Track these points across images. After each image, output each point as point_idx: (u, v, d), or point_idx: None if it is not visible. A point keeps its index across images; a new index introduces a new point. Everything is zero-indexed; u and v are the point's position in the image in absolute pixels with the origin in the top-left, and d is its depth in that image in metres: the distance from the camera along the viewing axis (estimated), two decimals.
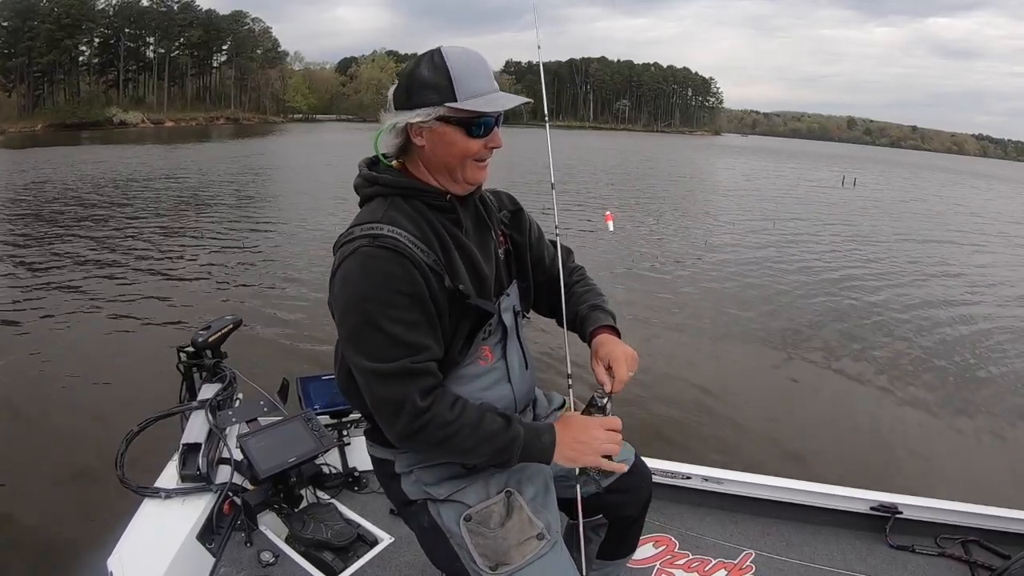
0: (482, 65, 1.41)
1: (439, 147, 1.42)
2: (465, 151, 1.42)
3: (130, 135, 56.68)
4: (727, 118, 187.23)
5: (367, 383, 1.37)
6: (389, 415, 1.36)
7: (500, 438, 1.39)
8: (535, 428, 1.45)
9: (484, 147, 1.44)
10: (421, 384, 1.34)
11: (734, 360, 7.12)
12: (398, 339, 1.33)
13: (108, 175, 21.99)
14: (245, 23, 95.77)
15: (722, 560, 2.50)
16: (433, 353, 1.38)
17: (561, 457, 1.44)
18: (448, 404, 1.36)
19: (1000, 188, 47.90)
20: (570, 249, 1.85)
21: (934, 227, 19.74)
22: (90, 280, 9.10)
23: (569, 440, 1.44)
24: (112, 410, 5.09)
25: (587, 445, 1.44)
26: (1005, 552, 2.46)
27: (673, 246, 13.47)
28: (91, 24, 78.47)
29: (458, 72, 1.37)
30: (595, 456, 1.45)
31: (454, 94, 1.36)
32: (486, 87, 1.40)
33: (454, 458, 1.50)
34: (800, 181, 34.48)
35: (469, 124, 1.40)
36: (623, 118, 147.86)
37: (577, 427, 1.46)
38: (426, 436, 1.35)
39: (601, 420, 1.48)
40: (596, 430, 1.45)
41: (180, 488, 2.30)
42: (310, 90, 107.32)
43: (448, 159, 1.44)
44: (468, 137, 1.41)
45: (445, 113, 1.38)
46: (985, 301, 10.51)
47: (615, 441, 1.47)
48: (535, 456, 1.44)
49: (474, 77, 1.38)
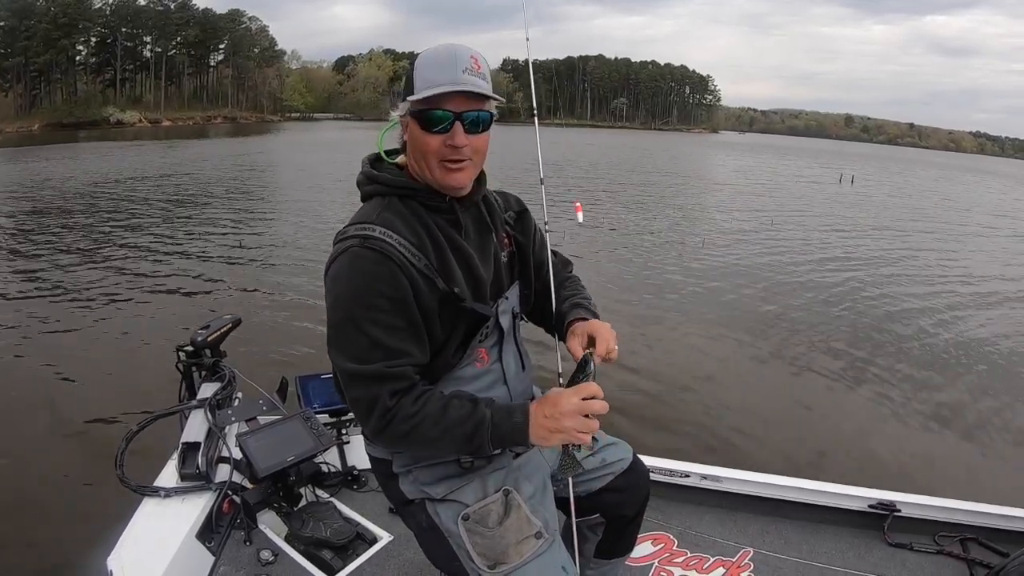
0: (449, 57, 1.34)
1: (411, 144, 1.42)
2: (424, 148, 1.38)
3: (127, 134, 56.64)
4: (724, 116, 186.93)
5: (344, 381, 1.38)
6: (361, 414, 1.37)
7: (466, 424, 1.34)
8: (506, 409, 1.38)
9: (443, 145, 1.37)
10: (392, 387, 1.34)
11: (730, 358, 7.11)
12: (377, 342, 1.32)
13: (105, 174, 21.94)
14: (242, 22, 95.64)
15: (720, 558, 2.50)
16: (413, 359, 1.37)
17: (536, 436, 1.35)
18: (412, 398, 1.35)
19: (995, 184, 47.91)
20: (569, 261, 1.84)
21: (933, 226, 19.72)
22: (89, 280, 9.07)
23: (540, 417, 1.34)
24: (112, 409, 5.10)
25: (555, 421, 1.32)
26: (1003, 550, 2.45)
27: (669, 243, 13.44)
28: (88, 23, 78.36)
29: (422, 65, 1.35)
30: (569, 431, 1.32)
31: (413, 88, 1.34)
32: (442, 78, 1.33)
33: (426, 451, 1.48)
34: (798, 179, 34.40)
35: (423, 119, 1.35)
36: (621, 116, 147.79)
37: (548, 402, 1.35)
38: (392, 431, 1.35)
39: (573, 389, 1.36)
40: (565, 401, 1.33)
41: (180, 487, 2.31)
42: (307, 89, 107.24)
43: (416, 157, 1.42)
44: (423, 132, 1.36)
45: (410, 108, 1.36)
46: (984, 300, 10.49)
47: (589, 409, 1.33)
48: (509, 438, 1.37)
49: (431, 67, 1.34)
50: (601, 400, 1.35)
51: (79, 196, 17.04)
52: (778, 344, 7.55)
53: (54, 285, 8.81)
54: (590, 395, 1.34)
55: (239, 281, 9.34)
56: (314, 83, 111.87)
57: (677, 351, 7.29)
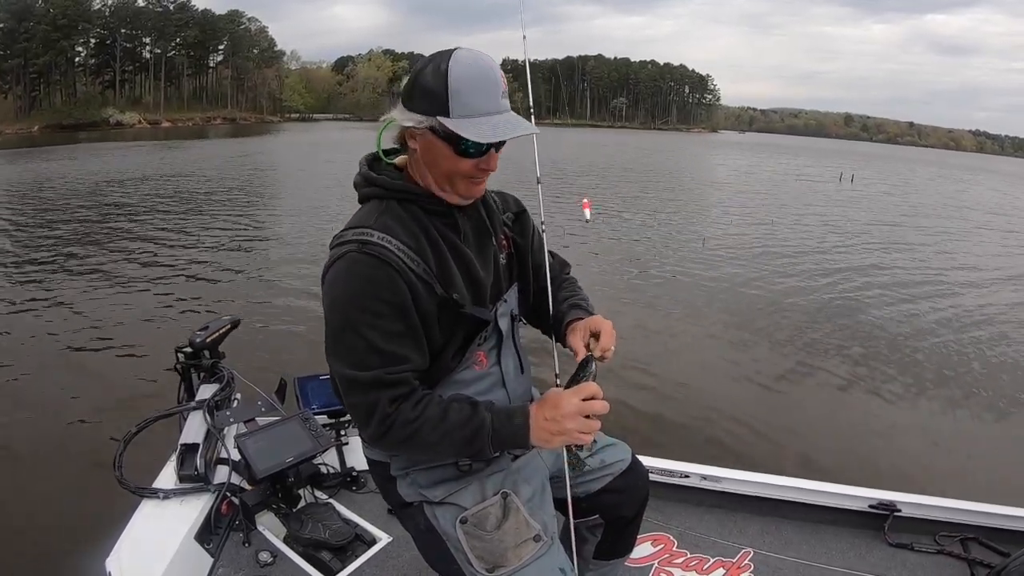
0: (488, 80, 1.30)
1: (428, 156, 1.37)
2: (453, 169, 1.36)
3: (127, 135, 56.64)
4: (724, 115, 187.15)
5: (342, 387, 1.37)
6: (360, 420, 1.36)
7: (466, 427, 1.33)
8: (506, 411, 1.37)
9: (476, 168, 1.36)
10: (392, 393, 1.32)
11: (729, 358, 7.10)
12: (376, 348, 1.31)
13: (105, 175, 21.93)
14: (241, 22, 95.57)
15: (720, 559, 2.50)
16: (413, 364, 1.36)
17: (536, 439, 1.34)
18: (412, 403, 1.34)
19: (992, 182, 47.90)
20: (567, 263, 1.83)
21: (933, 225, 19.72)
22: (88, 280, 9.08)
23: (540, 419, 1.33)
24: (110, 410, 5.09)
25: (557, 423, 1.31)
26: (1004, 550, 2.44)
27: (669, 242, 13.46)
28: (87, 25, 78.25)
29: (457, 86, 1.28)
30: (570, 432, 1.31)
31: (448, 109, 1.28)
32: (487, 107, 1.30)
33: (426, 455, 1.47)
34: (797, 177, 34.43)
35: (459, 142, 1.31)
36: (620, 116, 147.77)
37: (548, 404, 1.34)
38: (392, 436, 1.33)
39: (573, 390, 1.35)
40: (566, 403, 1.32)
41: (178, 488, 2.31)
42: (307, 89, 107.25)
43: (437, 170, 1.38)
44: (457, 155, 1.34)
45: (435, 126, 1.31)
46: (984, 299, 10.48)
47: (590, 410, 1.32)
48: (510, 441, 1.36)
49: (474, 94, 1.29)
50: (602, 400, 1.34)
51: (79, 197, 17.04)
52: (778, 341, 7.57)
53: (53, 286, 8.81)
54: (590, 395, 1.33)
55: (238, 282, 9.36)
56: (313, 83, 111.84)
57: (677, 350, 7.30)
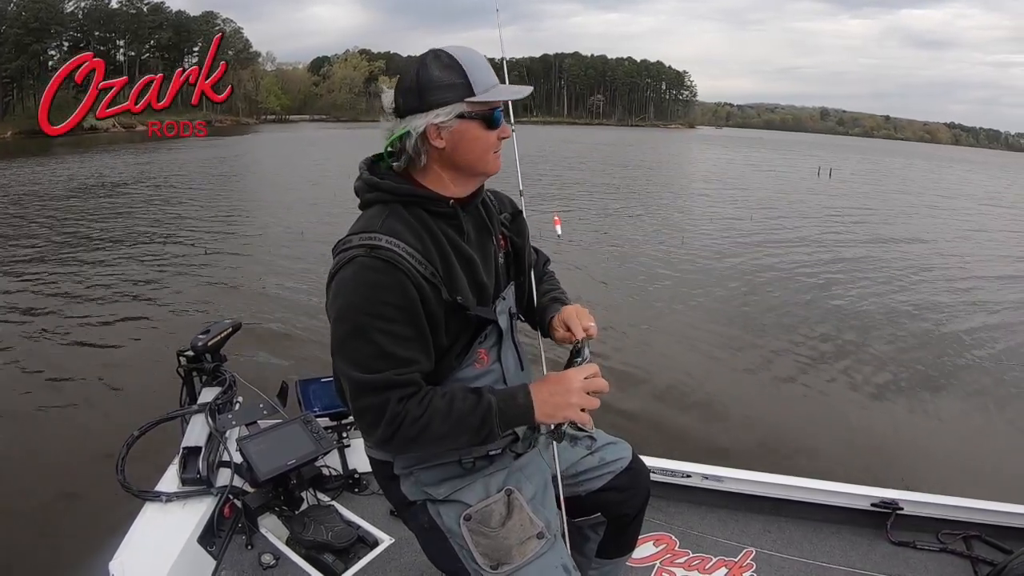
0: (483, 59, 1.43)
1: (462, 144, 1.41)
2: (487, 144, 1.43)
3: (102, 140, 55.75)
4: (701, 111, 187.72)
5: (351, 390, 1.37)
6: (369, 423, 1.36)
7: (474, 414, 1.37)
8: (509, 392, 1.43)
9: (498, 138, 1.45)
10: (400, 392, 1.34)
11: (726, 358, 7.10)
12: (385, 351, 1.32)
13: (93, 180, 21.75)
14: (216, 24, 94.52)
15: (723, 558, 2.51)
16: (421, 367, 1.38)
17: (541, 414, 1.41)
18: (417, 400, 1.35)
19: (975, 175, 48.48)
20: (548, 258, 1.91)
21: (914, 218, 19.90)
22: (88, 286, 9.02)
23: (545, 395, 1.41)
24: (112, 414, 5.09)
25: (562, 397, 1.41)
26: (1007, 547, 2.46)
27: (648, 240, 13.47)
28: (60, 28, 76.95)
29: (470, 68, 1.38)
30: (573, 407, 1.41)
31: (472, 89, 1.38)
32: (493, 79, 1.43)
33: (438, 448, 1.48)
34: (775, 173, 34.63)
35: (487, 117, 1.41)
36: (598, 113, 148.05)
37: (552, 381, 1.43)
38: (402, 435, 1.34)
39: (576, 369, 1.45)
40: (570, 379, 1.42)
41: (181, 491, 2.31)
42: (283, 90, 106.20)
43: (470, 156, 1.43)
44: (487, 130, 1.42)
45: (465, 110, 1.38)
46: (982, 298, 10.43)
47: (592, 387, 1.43)
48: (516, 420, 1.42)
49: (482, 70, 1.40)
50: (602, 378, 1.45)
51: (69, 200, 17.02)
52: (764, 338, 7.64)
53: (52, 292, 8.75)
54: (591, 375, 1.44)
55: (239, 285, 9.32)
56: (289, 84, 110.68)
57: (668, 350, 7.30)
